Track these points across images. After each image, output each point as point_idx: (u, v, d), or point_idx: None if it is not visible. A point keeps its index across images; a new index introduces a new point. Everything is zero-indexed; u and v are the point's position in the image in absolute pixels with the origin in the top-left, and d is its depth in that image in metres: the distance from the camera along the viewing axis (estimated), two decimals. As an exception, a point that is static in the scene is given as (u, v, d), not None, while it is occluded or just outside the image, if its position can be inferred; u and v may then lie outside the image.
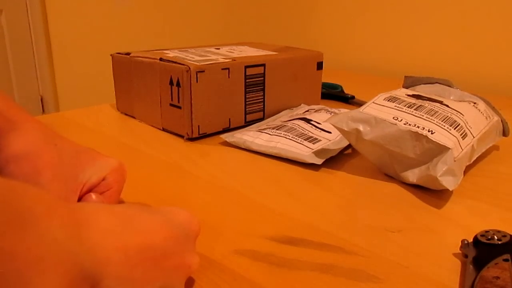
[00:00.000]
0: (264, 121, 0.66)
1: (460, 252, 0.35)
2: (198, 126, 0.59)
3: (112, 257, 0.21)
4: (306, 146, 0.53)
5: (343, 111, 0.57)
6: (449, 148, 0.43)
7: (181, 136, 0.60)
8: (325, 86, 0.85)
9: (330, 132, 0.57)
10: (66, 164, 0.34)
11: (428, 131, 0.45)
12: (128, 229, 0.23)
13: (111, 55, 0.69)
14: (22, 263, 0.16)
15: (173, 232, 0.26)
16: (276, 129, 0.57)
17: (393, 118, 0.47)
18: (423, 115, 0.47)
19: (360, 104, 0.77)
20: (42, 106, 1.86)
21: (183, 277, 0.27)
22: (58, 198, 0.21)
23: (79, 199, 0.34)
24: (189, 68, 0.56)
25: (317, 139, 0.55)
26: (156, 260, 0.24)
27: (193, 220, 0.29)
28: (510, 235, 0.33)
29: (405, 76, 0.62)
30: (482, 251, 0.32)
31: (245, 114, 0.64)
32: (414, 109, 0.48)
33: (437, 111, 0.48)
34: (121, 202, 0.40)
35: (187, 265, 0.26)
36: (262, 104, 0.66)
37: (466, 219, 0.40)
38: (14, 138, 0.33)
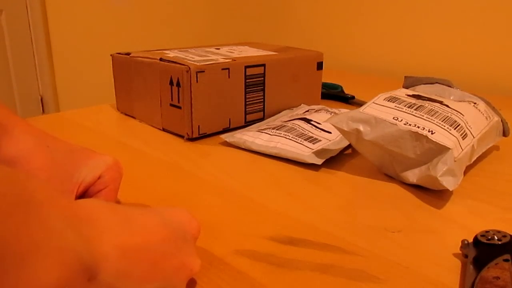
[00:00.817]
0: (264, 121, 0.66)
1: (460, 252, 0.34)
2: (198, 126, 0.59)
3: (110, 253, 0.21)
4: (306, 146, 0.53)
5: (343, 111, 0.57)
6: (449, 148, 0.43)
7: (181, 136, 0.60)
8: (325, 86, 0.85)
9: (330, 132, 0.57)
10: (60, 165, 0.33)
11: (428, 131, 0.45)
12: (127, 228, 0.23)
13: (111, 55, 0.69)
14: (25, 246, 0.16)
15: (171, 234, 0.26)
16: (276, 129, 0.57)
17: (393, 118, 0.47)
18: (423, 115, 0.47)
19: (360, 104, 0.77)
20: (42, 106, 1.86)
21: (183, 279, 0.26)
22: (60, 192, 0.21)
23: (76, 199, 0.34)
24: (189, 68, 0.56)
25: (317, 139, 0.55)
26: (154, 260, 0.24)
27: (192, 221, 0.29)
28: (510, 235, 0.33)
29: (405, 76, 0.62)
30: (482, 251, 0.32)
31: (245, 114, 0.64)
32: (414, 109, 0.48)
33: (437, 111, 0.48)
34: (118, 202, 0.40)
35: (188, 267, 0.26)
36: (262, 104, 0.66)
37: (466, 219, 0.40)
38: (4, 143, 0.32)
